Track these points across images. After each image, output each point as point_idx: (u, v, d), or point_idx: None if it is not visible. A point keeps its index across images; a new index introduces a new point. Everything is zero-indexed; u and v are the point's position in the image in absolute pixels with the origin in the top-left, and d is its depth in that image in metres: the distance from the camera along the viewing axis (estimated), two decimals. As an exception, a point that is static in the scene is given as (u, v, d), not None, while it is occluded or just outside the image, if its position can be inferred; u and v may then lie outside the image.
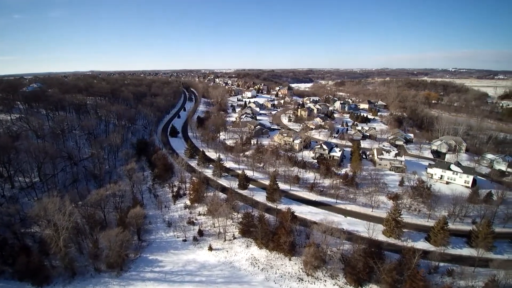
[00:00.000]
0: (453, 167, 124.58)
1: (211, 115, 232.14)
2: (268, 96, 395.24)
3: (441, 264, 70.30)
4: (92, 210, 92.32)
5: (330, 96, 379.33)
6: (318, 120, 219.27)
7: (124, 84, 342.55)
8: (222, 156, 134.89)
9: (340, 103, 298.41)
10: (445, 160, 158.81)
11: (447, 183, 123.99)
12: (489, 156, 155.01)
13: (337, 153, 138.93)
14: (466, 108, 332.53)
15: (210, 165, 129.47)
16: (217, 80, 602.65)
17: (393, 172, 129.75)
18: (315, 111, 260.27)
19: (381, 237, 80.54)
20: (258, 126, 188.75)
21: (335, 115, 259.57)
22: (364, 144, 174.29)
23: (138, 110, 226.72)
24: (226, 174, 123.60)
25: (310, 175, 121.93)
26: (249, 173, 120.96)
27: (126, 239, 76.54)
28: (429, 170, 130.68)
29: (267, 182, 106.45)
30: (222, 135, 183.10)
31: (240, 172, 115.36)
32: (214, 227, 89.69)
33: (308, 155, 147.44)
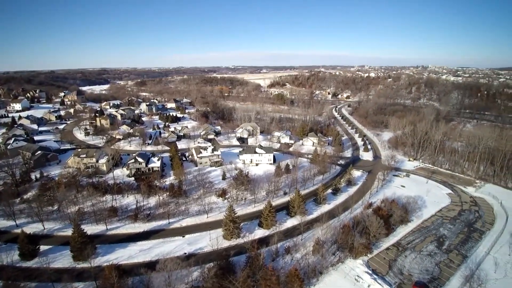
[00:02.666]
0: (258, 150, 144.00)
1: None
2: (50, 105, 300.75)
3: (279, 244, 76.66)
4: None
5: (133, 98, 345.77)
6: (125, 127, 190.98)
7: None
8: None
9: (146, 105, 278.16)
10: (249, 144, 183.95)
11: (257, 164, 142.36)
12: (276, 133, 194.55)
13: (156, 163, 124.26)
14: (249, 97, 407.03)
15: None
16: None
17: (214, 168, 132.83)
18: (119, 117, 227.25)
19: (225, 243, 77.73)
20: (40, 152, 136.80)
21: (144, 119, 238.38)
22: (181, 144, 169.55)
23: None
24: (-7, 242, 77.36)
25: (130, 200, 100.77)
26: (36, 227, 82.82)
27: None
28: (240, 157, 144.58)
29: (69, 232, 75.43)
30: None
31: (19, 231, 75.20)
32: None
33: (122, 174, 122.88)
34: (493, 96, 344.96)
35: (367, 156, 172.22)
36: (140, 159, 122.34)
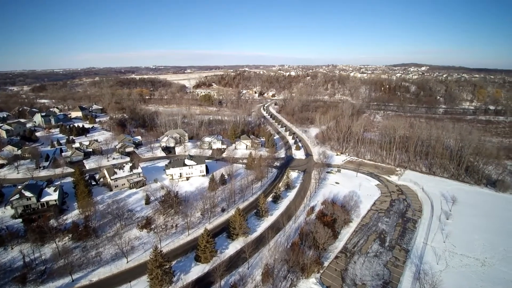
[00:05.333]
0: (187, 162, 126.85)
1: None
2: None
3: (223, 282, 63.41)
4: None
5: (26, 107, 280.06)
6: (10, 148, 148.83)
7: None
8: None
9: (42, 116, 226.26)
10: (176, 153, 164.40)
11: (187, 178, 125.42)
12: (207, 139, 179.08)
13: (52, 195, 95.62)
14: (174, 100, 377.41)
15: None
16: None
17: (134, 190, 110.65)
18: (4, 134, 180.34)
19: (152, 297, 60.41)
20: None
21: (39, 134, 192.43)
22: (90, 163, 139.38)
23: None
24: None
25: (15, 254, 72.80)
26: None
27: None
28: (167, 171, 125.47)
29: None
30: None
31: None
32: None
33: (3, 215, 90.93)
34: (393, 89, 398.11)
35: (299, 154, 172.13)
36: (27, 193, 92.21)
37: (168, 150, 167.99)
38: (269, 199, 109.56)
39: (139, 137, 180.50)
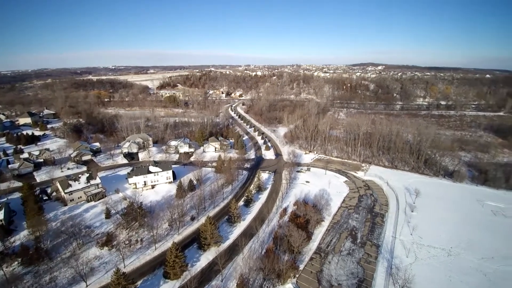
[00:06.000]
0: (152, 168, 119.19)
1: None
2: None
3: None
4: None
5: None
6: None
7: None
8: None
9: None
10: (140, 159, 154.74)
11: (153, 187, 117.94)
12: (173, 142, 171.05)
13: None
14: (136, 102, 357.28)
15: None
16: None
17: (93, 203, 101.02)
18: None
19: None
20: None
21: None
22: (41, 176, 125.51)
23: None
24: None
25: None
26: None
27: None
28: (130, 180, 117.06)
29: None
30: None
31: None
32: None
33: None
34: (354, 87, 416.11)
35: (269, 155, 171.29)
36: (-38, 214, 79.62)
37: (130, 156, 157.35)
38: (241, 203, 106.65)
39: (97, 144, 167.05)
